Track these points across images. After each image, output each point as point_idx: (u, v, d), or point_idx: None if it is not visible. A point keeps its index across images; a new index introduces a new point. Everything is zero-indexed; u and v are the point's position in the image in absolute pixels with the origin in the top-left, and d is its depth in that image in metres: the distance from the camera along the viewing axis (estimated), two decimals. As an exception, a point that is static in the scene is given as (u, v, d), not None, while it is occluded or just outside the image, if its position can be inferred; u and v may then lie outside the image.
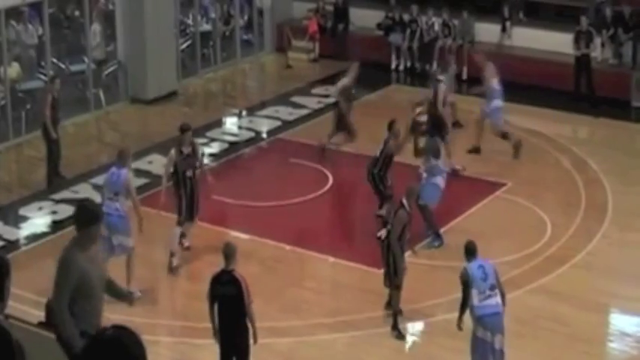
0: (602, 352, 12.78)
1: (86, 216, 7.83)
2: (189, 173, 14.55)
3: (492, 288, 11.08)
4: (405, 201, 12.93)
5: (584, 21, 21.26)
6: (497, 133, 18.28)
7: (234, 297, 10.59)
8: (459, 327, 11.37)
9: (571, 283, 13.95)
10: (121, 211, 13.69)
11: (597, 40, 21.36)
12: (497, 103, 18.21)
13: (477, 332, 11.10)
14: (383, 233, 13.27)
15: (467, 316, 11.35)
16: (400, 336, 12.74)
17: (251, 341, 10.97)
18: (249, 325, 10.83)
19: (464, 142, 18.65)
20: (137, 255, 14.81)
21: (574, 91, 21.11)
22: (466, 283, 11.13)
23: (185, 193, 14.57)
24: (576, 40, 21.23)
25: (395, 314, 12.75)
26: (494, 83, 18.24)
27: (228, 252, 10.78)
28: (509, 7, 23.37)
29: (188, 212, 14.62)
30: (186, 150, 14.59)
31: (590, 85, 21.04)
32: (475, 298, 11.03)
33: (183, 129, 14.62)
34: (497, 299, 11.09)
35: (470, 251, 11.36)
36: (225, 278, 10.70)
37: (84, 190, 17.11)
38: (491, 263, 11.37)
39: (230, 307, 10.73)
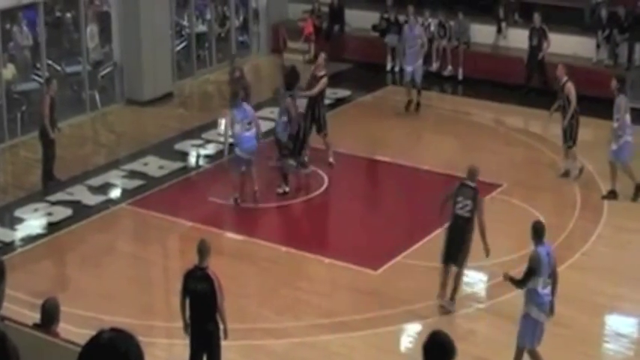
0: (597, 352, 12.79)
1: (441, 352, 6.60)
2: None
3: (550, 276, 11.32)
4: (471, 183, 13.06)
5: (536, 18, 21.66)
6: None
7: (207, 293, 10.70)
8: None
9: (566, 283, 13.87)
10: (253, 135, 16.48)
11: (550, 37, 21.63)
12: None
13: (531, 313, 11.32)
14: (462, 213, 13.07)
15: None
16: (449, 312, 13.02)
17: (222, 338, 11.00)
18: (220, 323, 10.88)
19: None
20: (132, 257, 14.88)
21: (525, 84, 21.62)
22: (534, 270, 11.16)
23: None
24: (529, 37, 21.69)
25: (457, 289, 13.06)
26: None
27: (203, 249, 10.88)
28: (504, 9, 23.41)
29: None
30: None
31: (545, 79, 21.45)
32: (539, 285, 11.21)
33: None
34: (550, 287, 11.40)
35: (539, 233, 11.33)
36: (198, 274, 10.79)
37: (79, 192, 17.09)
38: (553, 248, 11.45)
39: (201, 303, 10.84)
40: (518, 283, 11.42)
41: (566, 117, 17.16)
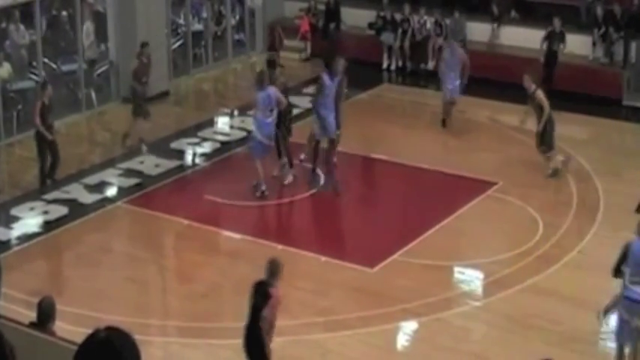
0: (593, 350, 12.78)
1: None
2: None
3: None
4: None
5: (556, 22, 21.49)
6: None
7: (259, 308, 10.59)
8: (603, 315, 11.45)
9: (563, 281, 13.97)
10: (272, 121, 16.80)
11: (567, 40, 21.58)
12: None
13: (620, 313, 11.18)
14: None
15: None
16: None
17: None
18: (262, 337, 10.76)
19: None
20: (128, 255, 14.86)
21: (545, 85, 21.47)
22: (623, 255, 11.01)
23: None
24: (547, 39, 21.51)
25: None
26: None
27: (273, 268, 10.78)
28: (500, 6, 23.41)
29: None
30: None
31: (551, 78, 21.34)
32: (626, 278, 11.04)
33: None
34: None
35: None
36: (261, 289, 10.69)
37: (75, 191, 17.08)
38: None
39: (253, 315, 10.74)
40: (616, 271, 11.15)
41: (540, 122, 17.22)
